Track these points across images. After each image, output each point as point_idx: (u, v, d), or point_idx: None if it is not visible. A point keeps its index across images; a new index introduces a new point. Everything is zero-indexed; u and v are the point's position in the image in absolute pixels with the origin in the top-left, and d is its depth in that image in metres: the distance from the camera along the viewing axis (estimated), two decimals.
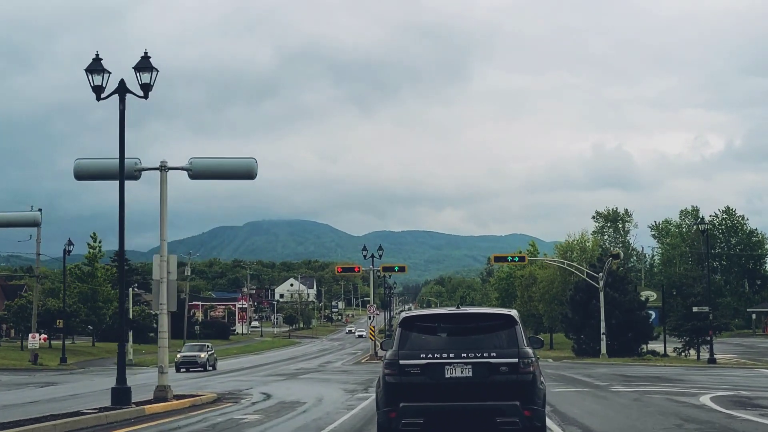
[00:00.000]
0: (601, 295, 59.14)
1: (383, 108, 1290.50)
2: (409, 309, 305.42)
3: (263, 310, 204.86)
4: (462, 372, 11.68)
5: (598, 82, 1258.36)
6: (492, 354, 11.73)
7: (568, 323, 64.42)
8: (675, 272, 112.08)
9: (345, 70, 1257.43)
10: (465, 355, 11.73)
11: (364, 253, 66.43)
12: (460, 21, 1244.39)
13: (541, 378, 12.29)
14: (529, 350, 12.03)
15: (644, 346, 63.27)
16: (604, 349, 58.59)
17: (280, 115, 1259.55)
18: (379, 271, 65.34)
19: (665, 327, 65.61)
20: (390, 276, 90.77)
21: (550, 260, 66.46)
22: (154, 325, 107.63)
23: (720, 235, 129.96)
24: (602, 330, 58.74)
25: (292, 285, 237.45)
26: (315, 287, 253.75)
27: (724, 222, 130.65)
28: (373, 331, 64.06)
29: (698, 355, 59.24)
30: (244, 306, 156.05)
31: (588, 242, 75.52)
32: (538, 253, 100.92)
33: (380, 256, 66.67)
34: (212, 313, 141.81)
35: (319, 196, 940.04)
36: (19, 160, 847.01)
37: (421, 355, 11.79)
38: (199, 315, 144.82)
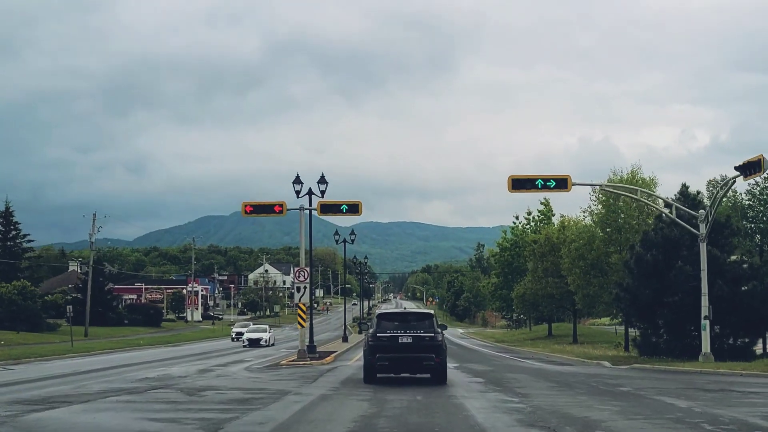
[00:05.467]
0: (703, 248, 32.17)
1: (370, 99, 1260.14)
2: (395, 298, 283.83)
3: (231, 296, 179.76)
4: (407, 340, 21.89)
5: (585, 77, 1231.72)
6: (421, 331, 22.03)
7: (630, 302, 37.25)
8: None
9: (332, 61, 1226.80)
10: (408, 331, 22.05)
11: (298, 188, 39.12)
12: (447, 12, 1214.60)
13: (445, 342, 22.79)
14: (439, 330, 22.46)
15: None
16: (707, 347, 31.57)
17: (267, 105, 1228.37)
18: (315, 209, 38.02)
19: None
20: (353, 242, 63.59)
21: (608, 187, 38.00)
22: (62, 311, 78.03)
23: (759, 207, 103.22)
24: (705, 312, 31.76)
25: (266, 271, 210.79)
26: (291, 274, 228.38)
27: (765, 192, 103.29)
28: (303, 313, 36.56)
29: None
30: (196, 289, 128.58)
31: (650, 180, 47.40)
32: (553, 214, 74.06)
33: (322, 193, 39.38)
34: (150, 297, 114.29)
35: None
36: (3, 149, 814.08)
37: (387, 331, 22.21)
38: (144, 299, 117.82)
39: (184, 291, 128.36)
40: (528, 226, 74.19)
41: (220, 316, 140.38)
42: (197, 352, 51.36)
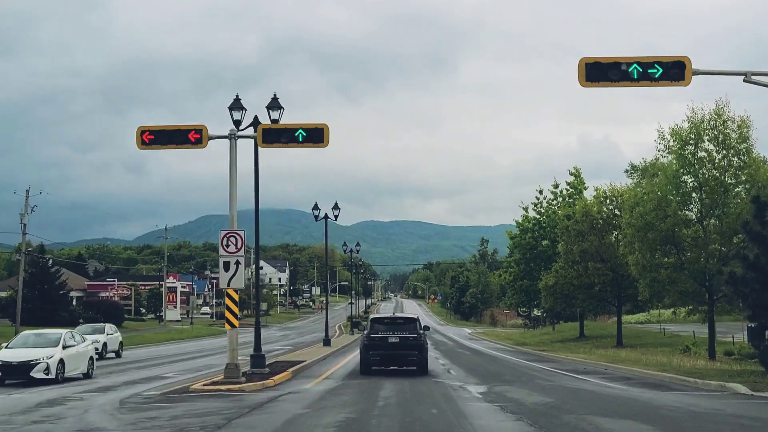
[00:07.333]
0: None
1: (369, 98, 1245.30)
2: (395, 296, 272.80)
3: (214, 294, 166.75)
4: (395, 339, 25.70)
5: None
6: (407, 333, 25.91)
7: (762, 284, 23.21)
8: None
9: (331, 60, 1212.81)
10: (396, 332, 25.92)
11: (238, 116, 25.14)
12: (446, 11, 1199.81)
13: (427, 342, 27.15)
14: (422, 332, 26.45)
15: None
16: None
17: (265, 104, 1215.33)
18: (255, 137, 23.83)
19: None
20: (336, 218, 49.80)
21: (760, 76, 23.19)
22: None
23: None
24: None
25: (261, 268, 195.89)
26: (287, 271, 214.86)
27: None
28: (236, 305, 21.88)
29: None
30: (173, 285, 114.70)
31: (742, 121, 32.83)
32: (585, 186, 59.90)
33: (275, 118, 25.34)
34: (117, 293, 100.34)
35: (307, 186, 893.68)
36: (2, 148, 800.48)
37: (379, 333, 26.05)
38: (116, 295, 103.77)
39: (159, 287, 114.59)
40: (555, 202, 60.05)
41: (207, 315, 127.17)
42: (118, 362, 37.36)
